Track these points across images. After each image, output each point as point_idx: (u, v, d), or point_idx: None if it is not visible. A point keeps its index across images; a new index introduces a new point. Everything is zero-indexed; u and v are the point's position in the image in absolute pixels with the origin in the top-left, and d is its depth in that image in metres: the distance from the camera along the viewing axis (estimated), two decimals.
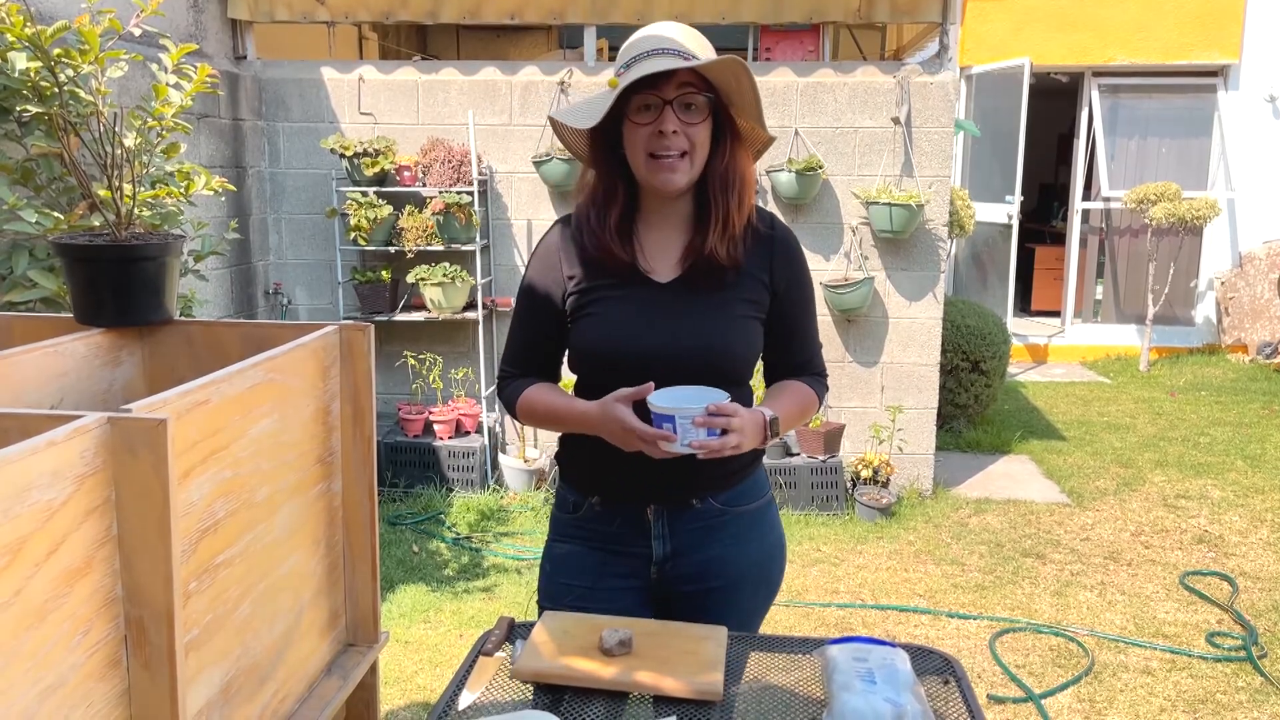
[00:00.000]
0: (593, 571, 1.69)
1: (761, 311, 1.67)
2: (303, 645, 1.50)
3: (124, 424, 1.01)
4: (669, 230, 1.67)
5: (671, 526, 1.67)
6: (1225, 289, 8.27)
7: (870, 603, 3.78)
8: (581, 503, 1.72)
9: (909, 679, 1.31)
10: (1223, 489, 5.07)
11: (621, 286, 1.64)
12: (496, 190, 4.92)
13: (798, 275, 1.71)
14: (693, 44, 1.58)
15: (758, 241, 1.67)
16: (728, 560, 1.69)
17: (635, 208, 1.67)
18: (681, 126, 1.56)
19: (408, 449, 4.86)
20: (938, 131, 4.73)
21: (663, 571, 1.69)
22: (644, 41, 1.58)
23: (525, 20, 4.85)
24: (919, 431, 4.97)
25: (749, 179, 1.65)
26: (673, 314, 1.62)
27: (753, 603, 1.74)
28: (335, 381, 1.57)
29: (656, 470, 1.61)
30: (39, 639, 0.94)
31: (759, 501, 1.74)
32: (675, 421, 1.43)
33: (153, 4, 2.25)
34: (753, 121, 1.65)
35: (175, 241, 1.57)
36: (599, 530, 1.70)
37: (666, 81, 1.54)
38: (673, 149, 1.56)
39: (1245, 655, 3.33)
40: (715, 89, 1.59)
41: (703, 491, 1.67)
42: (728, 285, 1.64)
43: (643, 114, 1.57)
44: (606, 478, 1.68)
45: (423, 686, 3.12)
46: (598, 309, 1.64)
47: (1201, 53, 8.08)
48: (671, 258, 1.66)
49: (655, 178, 1.58)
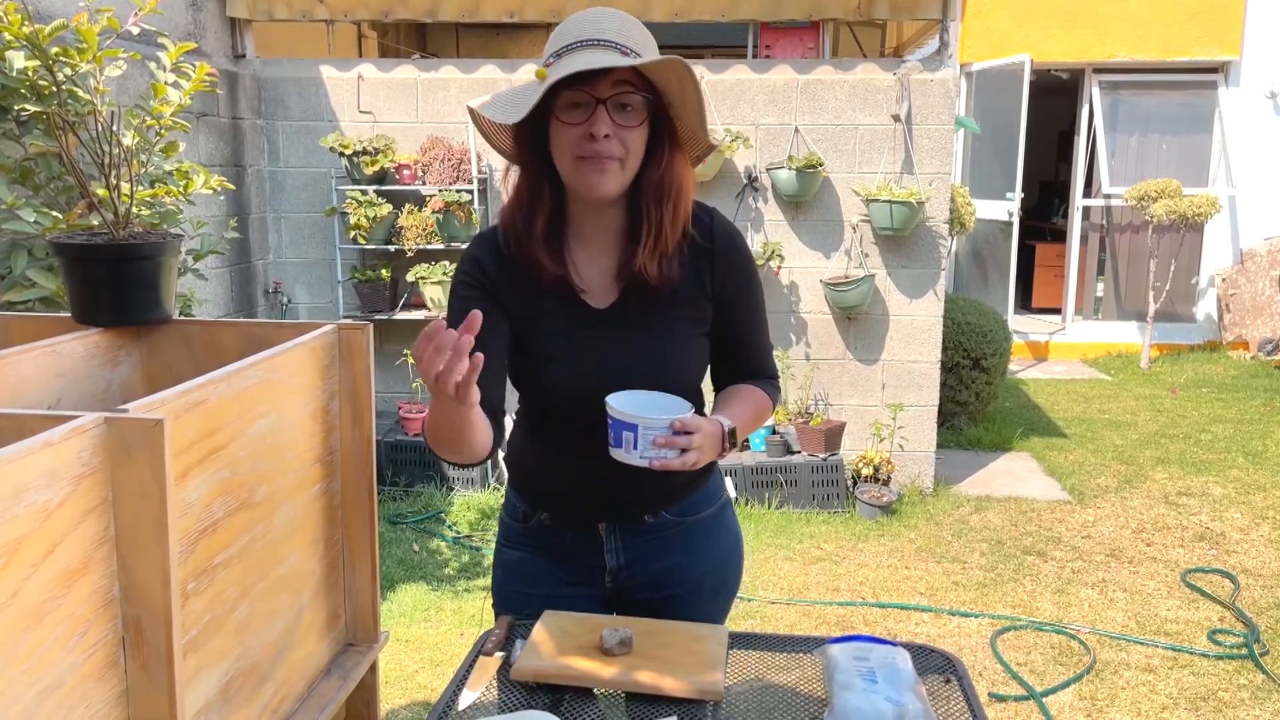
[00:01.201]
0: (546, 579, 1.63)
1: (705, 326, 1.57)
2: (302, 645, 1.50)
3: (121, 424, 1.01)
4: (601, 244, 1.53)
5: (624, 540, 1.61)
6: (1226, 286, 8.27)
7: (871, 601, 3.78)
8: (531, 514, 1.65)
9: (910, 678, 1.31)
10: (1224, 486, 5.06)
11: (557, 314, 1.51)
12: (496, 188, 4.92)
13: (743, 281, 1.58)
14: (634, 36, 1.41)
15: (695, 254, 1.53)
16: (684, 567, 1.63)
17: (564, 217, 1.52)
18: (615, 130, 1.40)
19: (408, 448, 4.85)
20: (938, 129, 4.73)
21: (617, 580, 1.63)
22: (577, 28, 1.41)
23: (524, 18, 4.84)
24: (920, 429, 4.96)
25: (686, 188, 1.50)
26: (615, 345, 1.51)
27: (711, 607, 1.67)
28: (334, 381, 1.57)
29: (606, 489, 1.55)
30: (36, 640, 0.93)
31: (712, 508, 1.67)
32: (638, 432, 1.35)
33: (151, 2, 2.25)
34: (694, 126, 1.50)
35: (173, 241, 1.57)
36: (549, 541, 1.64)
37: (601, 78, 1.38)
38: (603, 154, 1.40)
39: (1247, 653, 3.33)
40: (654, 89, 1.44)
41: (655, 508, 1.61)
42: (667, 304, 1.52)
43: (572, 112, 1.40)
44: (554, 496, 1.62)
45: (423, 686, 3.12)
46: (536, 343, 1.52)
47: (1202, 49, 8.07)
48: (606, 276, 1.53)
49: (582, 182, 1.43)
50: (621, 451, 1.38)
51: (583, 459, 1.53)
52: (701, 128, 1.50)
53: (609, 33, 1.39)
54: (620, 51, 1.38)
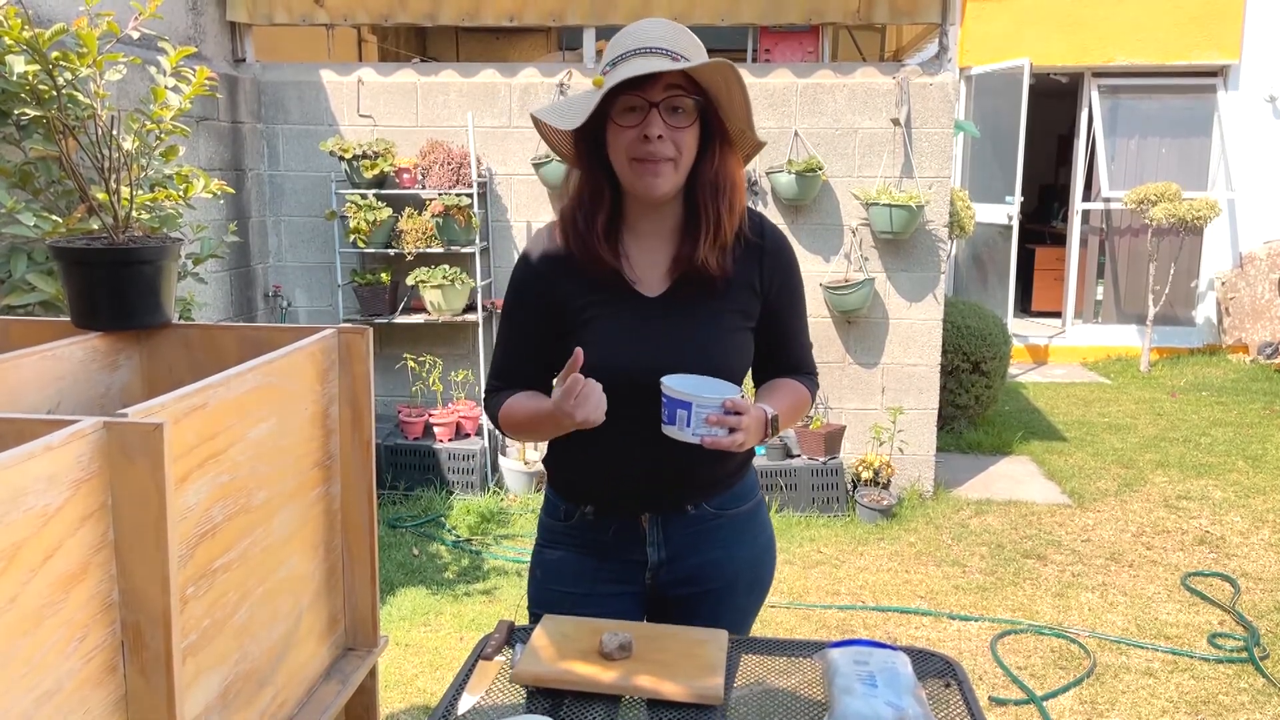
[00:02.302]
0: (587, 577, 1.67)
1: (752, 321, 1.64)
2: (302, 649, 1.50)
3: (120, 429, 1.01)
4: (655, 240, 1.61)
5: (666, 533, 1.65)
6: (1226, 289, 8.27)
7: (871, 604, 3.77)
8: (573, 511, 1.68)
9: (910, 682, 1.31)
10: (1224, 490, 5.06)
11: (610, 302, 1.59)
12: (496, 192, 4.92)
13: (789, 280, 1.68)
14: (682, 43, 1.50)
15: (747, 249, 1.63)
16: (721, 563, 1.68)
17: (621, 213, 1.61)
18: (668, 131, 1.49)
19: (408, 451, 4.85)
20: (937, 132, 4.73)
21: (657, 577, 1.67)
22: (631, 38, 1.50)
23: (524, 22, 4.85)
24: (920, 432, 4.96)
25: (739, 184, 1.59)
26: (664, 331, 1.58)
27: (746, 603, 1.73)
28: (334, 385, 1.57)
29: (651, 479, 1.59)
30: (35, 645, 0.93)
31: (750, 503, 1.72)
32: (691, 410, 1.41)
33: (151, 7, 2.25)
34: (742, 126, 1.58)
35: (173, 245, 1.57)
36: (592, 538, 1.67)
37: (653, 83, 1.47)
38: (657, 155, 1.49)
39: (1247, 656, 3.33)
40: (704, 91, 1.52)
41: (697, 497, 1.65)
42: (717, 296, 1.60)
43: (627, 116, 1.49)
44: (600, 488, 1.65)
45: (422, 690, 3.12)
46: (587, 327, 1.59)
47: (1201, 53, 8.08)
48: (659, 269, 1.60)
49: (639, 183, 1.52)
50: (675, 429, 1.44)
51: (628, 445, 1.58)
52: (749, 127, 1.58)
53: (659, 40, 1.48)
54: (670, 57, 1.46)
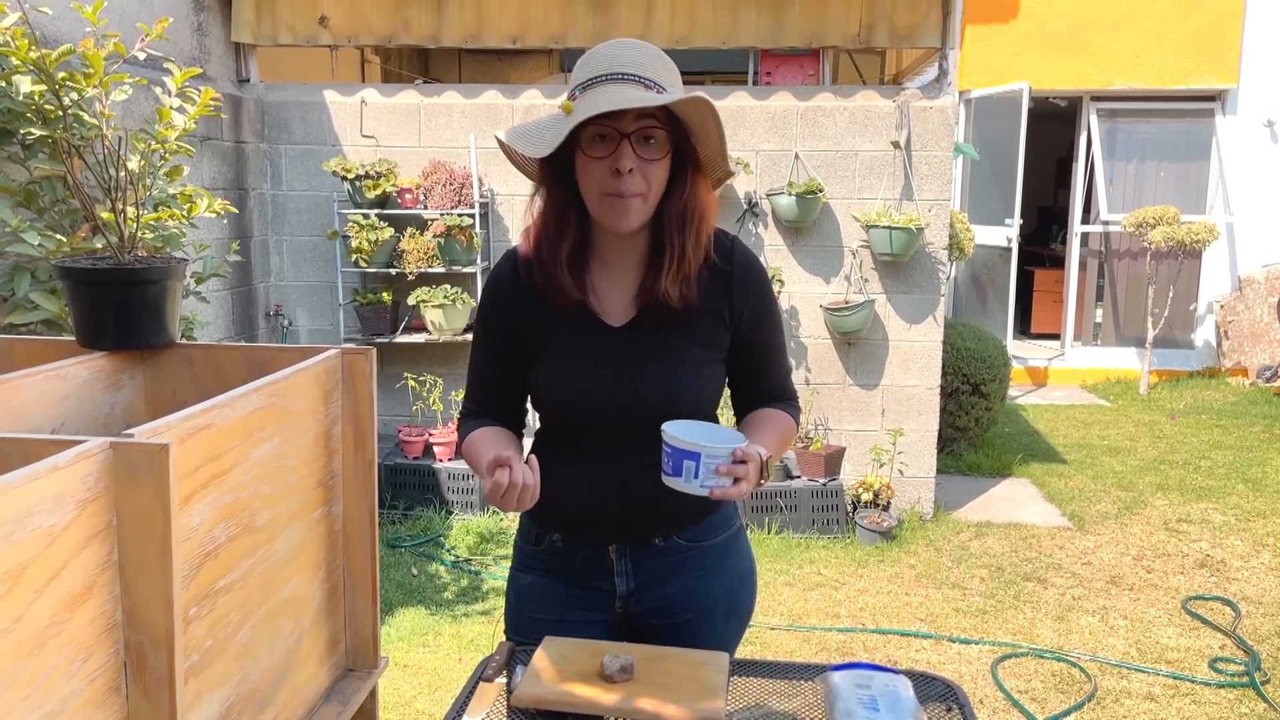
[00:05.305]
0: (559, 604, 1.63)
1: (721, 352, 1.59)
2: (302, 670, 1.49)
3: (126, 449, 1.01)
4: (622, 269, 1.56)
5: (635, 564, 1.61)
6: (1225, 312, 8.28)
7: (871, 627, 3.76)
8: (544, 536, 1.65)
9: (912, 706, 1.30)
10: (1224, 513, 5.05)
11: (573, 332, 1.55)
12: (498, 213, 4.94)
13: (761, 305, 1.61)
14: (658, 70, 1.44)
15: (714, 277, 1.56)
16: (696, 593, 1.62)
17: (587, 239, 1.55)
18: (638, 164, 1.43)
19: (407, 471, 4.85)
20: (937, 155, 4.76)
21: (627, 606, 1.63)
22: (602, 61, 1.44)
23: (526, 44, 4.88)
24: (919, 454, 4.96)
25: (707, 214, 1.53)
26: (628, 362, 1.53)
27: (724, 634, 1.66)
28: (337, 405, 1.57)
29: (616, 511, 1.56)
30: (38, 665, 0.93)
31: (727, 533, 1.67)
32: (700, 460, 1.35)
33: (157, 28, 2.27)
34: (714, 153, 1.53)
35: (177, 265, 1.57)
36: (561, 563, 1.64)
37: (625, 113, 1.41)
38: (627, 191, 1.43)
39: (1248, 681, 3.31)
40: (677, 120, 1.46)
41: (666, 530, 1.60)
42: (682, 326, 1.54)
43: (597, 146, 1.43)
44: (565, 516, 1.61)
45: (422, 712, 3.10)
46: (550, 356, 1.55)
47: (1199, 77, 8.13)
48: (625, 298, 1.56)
49: (607, 217, 1.47)
50: (680, 480, 1.37)
51: (594, 477, 1.55)
52: (722, 155, 1.53)
53: (633, 66, 1.42)
54: (644, 85, 1.41)
